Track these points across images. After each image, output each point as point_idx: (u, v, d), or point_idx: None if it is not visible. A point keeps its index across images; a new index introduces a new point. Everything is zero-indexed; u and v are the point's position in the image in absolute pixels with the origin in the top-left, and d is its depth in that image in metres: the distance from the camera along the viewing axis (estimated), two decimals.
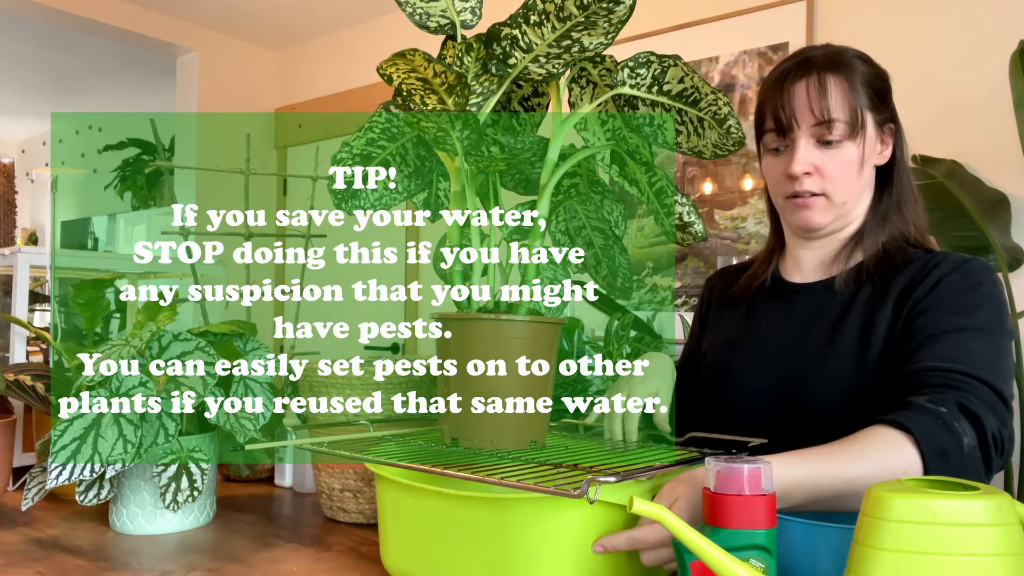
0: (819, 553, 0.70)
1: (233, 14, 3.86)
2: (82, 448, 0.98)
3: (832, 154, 1.03)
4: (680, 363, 1.29)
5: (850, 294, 1.06)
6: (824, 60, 1.04)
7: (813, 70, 1.03)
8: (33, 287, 2.64)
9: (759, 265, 1.19)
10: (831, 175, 1.03)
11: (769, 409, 1.07)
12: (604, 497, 0.73)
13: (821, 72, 1.03)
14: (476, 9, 0.95)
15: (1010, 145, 2.05)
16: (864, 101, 1.03)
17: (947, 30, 2.28)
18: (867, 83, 1.04)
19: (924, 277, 1.02)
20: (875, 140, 1.05)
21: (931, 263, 1.03)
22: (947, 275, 1.01)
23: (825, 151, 1.03)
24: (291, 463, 1.38)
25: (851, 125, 1.02)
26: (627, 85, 0.92)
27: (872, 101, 1.04)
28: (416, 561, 0.83)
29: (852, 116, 1.01)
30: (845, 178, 1.04)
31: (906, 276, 1.03)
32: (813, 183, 1.04)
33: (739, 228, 2.65)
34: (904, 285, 1.03)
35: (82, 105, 5.72)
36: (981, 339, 0.96)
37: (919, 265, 1.04)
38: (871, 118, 1.04)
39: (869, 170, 1.06)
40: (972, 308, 0.98)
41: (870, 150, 1.05)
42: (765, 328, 1.13)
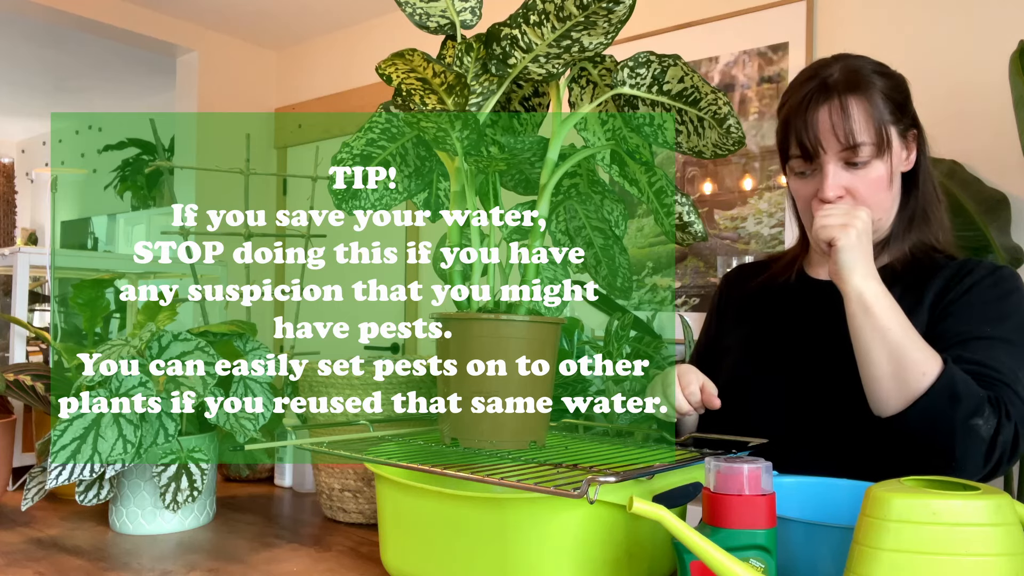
0: (819, 553, 0.70)
1: (233, 14, 3.86)
2: (82, 448, 0.98)
3: (861, 175, 1.03)
4: (694, 359, 1.29)
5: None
6: (844, 81, 1.03)
7: (834, 93, 1.02)
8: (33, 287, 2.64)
9: (784, 265, 1.19)
10: (863, 195, 1.03)
11: (789, 406, 1.07)
12: (604, 497, 0.73)
13: (842, 95, 1.02)
14: (476, 9, 0.95)
15: (1010, 145, 2.05)
16: (887, 116, 1.03)
17: (947, 30, 2.28)
18: (887, 97, 1.03)
19: (958, 283, 1.02)
20: (900, 150, 1.05)
21: (964, 269, 1.04)
22: (979, 281, 1.02)
23: (854, 172, 1.03)
24: (291, 463, 1.38)
25: (877, 145, 1.01)
26: (627, 85, 0.92)
27: (894, 114, 1.03)
28: (416, 561, 0.83)
29: (877, 136, 1.01)
30: (876, 196, 1.04)
31: (940, 280, 1.04)
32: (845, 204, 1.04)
33: (739, 228, 2.65)
34: (939, 289, 1.03)
35: (82, 105, 5.73)
36: (1009, 349, 0.97)
37: (953, 271, 1.04)
38: (895, 131, 1.04)
39: (897, 182, 1.06)
40: (1001, 317, 0.99)
41: (897, 163, 1.05)
42: (791, 324, 1.13)
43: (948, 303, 1.02)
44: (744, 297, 1.23)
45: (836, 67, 1.05)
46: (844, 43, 2.46)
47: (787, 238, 2.54)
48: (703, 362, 1.24)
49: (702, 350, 1.28)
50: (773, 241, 2.58)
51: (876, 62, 1.07)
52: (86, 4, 3.58)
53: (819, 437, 1.05)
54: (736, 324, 1.22)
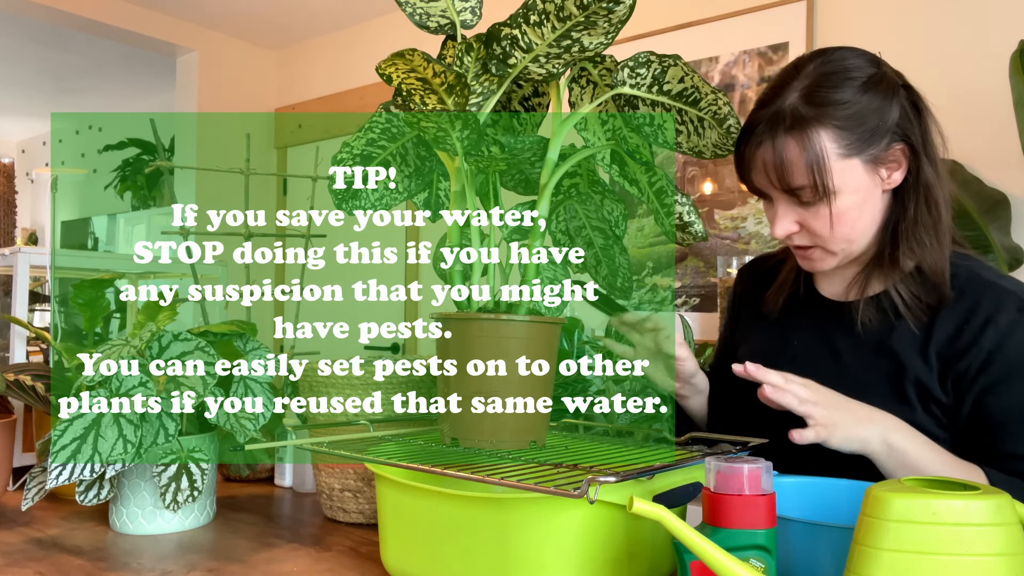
0: (819, 553, 0.70)
1: (233, 14, 3.86)
2: (82, 448, 0.98)
3: (812, 211, 0.97)
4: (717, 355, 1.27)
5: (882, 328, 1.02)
6: (791, 113, 0.94)
7: (773, 132, 0.94)
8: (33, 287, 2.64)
9: (788, 272, 1.16)
10: (816, 230, 0.98)
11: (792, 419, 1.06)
12: (604, 497, 0.73)
13: (778, 135, 0.94)
14: (476, 9, 0.95)
15: (1010, 145, 2.05)
16: (838, 151, 0.93)
17: (947, 30, 2.28)
18: (844, 127, 0.93)
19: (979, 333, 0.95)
20: (870, 177, 0.97)
21: (981, 311, 0.95)
22: (1007, 336, 0.94)
23: (805, 208, 0.97)
24: (291, 463, 1.38)
25: (813, 188, 0.94)
26: (627, 85, 0.92)
27: (856, 145, 0.94)
28: (416, 561, 0.83)
29: (812, 180, 0.93)
30: (831, 232, 0.98)
31: (948, 323, 0.97)
32: (802, 238, 1.00)
33: (739, 228, 2.65)
34: (948, 336, 0.97)
35: (82, 105, 5.73)
36: None
37: (964, 306, 0.97)
38: (856, 163, 0.94)
39: (868, 210, 0.98)
40: None
41: (860, 195, 0.96)
42: (797, 346, 1.10)
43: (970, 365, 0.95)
44: (754, 308, 1.22)
45: (795, 88, 0.95)
46: (844, 42, 2.45)
47: None
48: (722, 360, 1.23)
49: (723, 346, 1.27)
50: (773, 241, 2.58)
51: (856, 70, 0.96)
52: (87, 4, 3.58)
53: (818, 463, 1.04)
54: (746, 338, 1.21)
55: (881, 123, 0.95)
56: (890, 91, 0.96)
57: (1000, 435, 0.94)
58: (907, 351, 0.99)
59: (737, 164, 1.00)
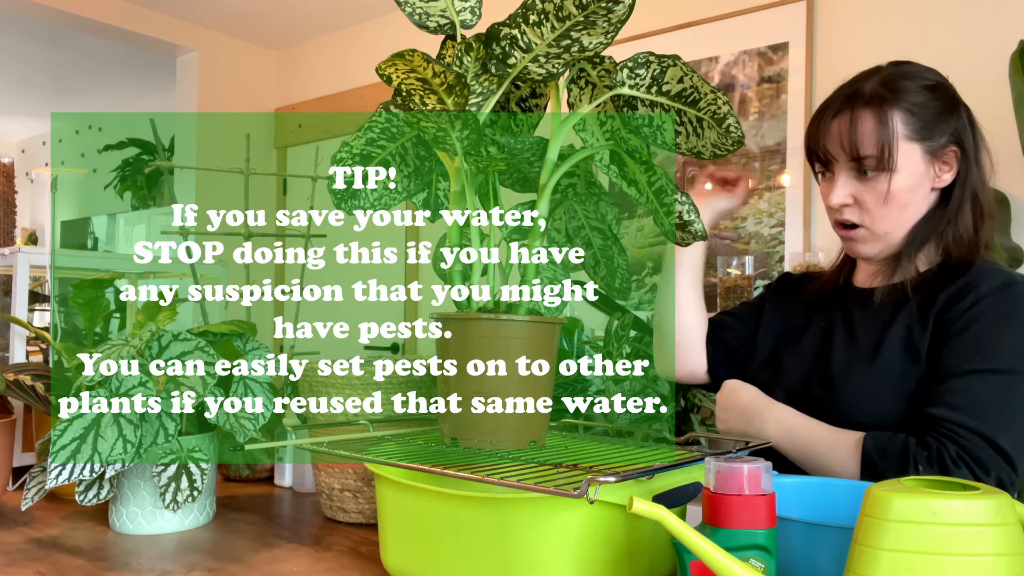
0: (819, 553, 0.70)
1: (233, 14, 3.86)
2: (82, 448, 0.98)
3: (870, 185, 1.04)
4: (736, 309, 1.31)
5: (894, 307, 1.07)
6: (868, 93, 1.05)
7: (851, 105, 1.05)
8: (33, 287, 2.64)
9: (832, 271, 1.21)
10: (868, 206, 1.05)
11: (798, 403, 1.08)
12: (604, 497, 0.73)
13: (857, 107, 1.04)
14: (476, 9, 0.95)
15: (1010, 145, 2.05)
16: (904, 132, 1.03)
17: (947, 30, 2.28)
18: (913, 113, 1.03)
19: (962, 297, 1.01)
20: (925, 167, 1.05)
21: (971, 283, 1.02)
22: (983, 299, 0.99)
23: (864, 182, 1.05)
24: (291, 463, 1.38)
25: (879, 159, 1.02)
26: (626, 85, 0.91)
27: (920, 131, 1.03)
28: (416, 561, 0.83)
29: (880, 151, 1.02)
30: (882, 209, 1.05)
31: (945, 295, 1.02)
32: (852, 213, 1.07)
33: (739, 228, 2.65)
34: (943, 303, 1.02)
35: (82, 105, 5.73)
36: (998, 382, 0.95)
37: (961, 284, 1.03)
38: (917, 148, 1.04)
39: (918, 198, 1.06)
40: (998, 343, 0.97)
41: (914, 180, 1.04)
42: (818, 322, 1.15)
43: (948, 322, 1.00)
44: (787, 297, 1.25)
45: (875, 77, 1.06)
46: (844, 43, 2.46)
47: (787, 238, 2.54)
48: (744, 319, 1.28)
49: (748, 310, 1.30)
50: (773, 241, 2.58)
51: (928, 76, 1.07)
52: (86, 4, 3.58)
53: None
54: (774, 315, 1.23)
55: (943, 122, 1.05)
56: (953, 100, 1.07)
57: (933, 383, 0.99)
58: (911, 323, 1.04)
59: (810, 136, 1.09)
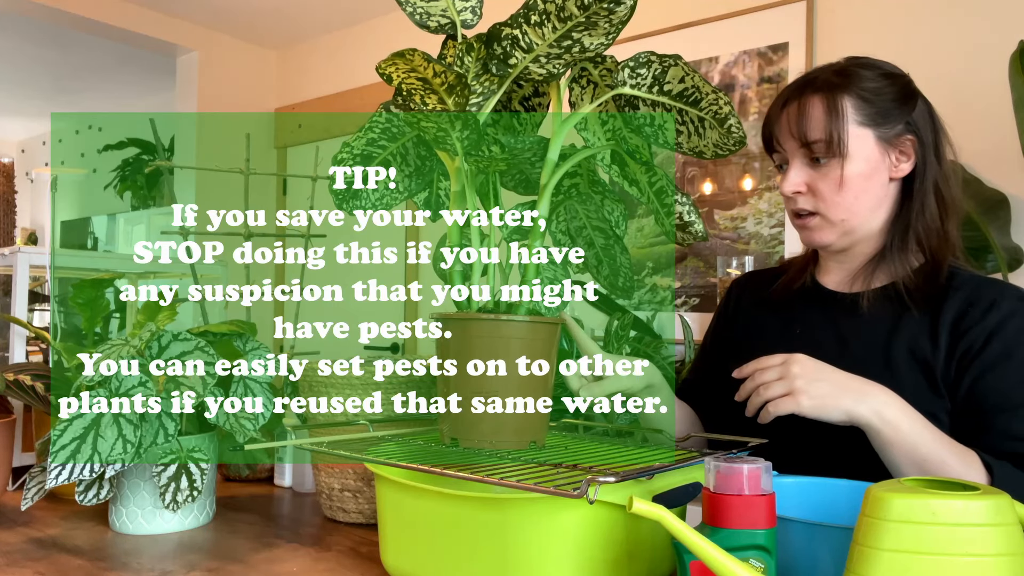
0: (819, 553, 0.70)
1: (233, 14, 3.86)
2: (82, 448, 0.98)
3: (823, 172, 1.04)
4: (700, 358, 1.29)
5: (889, 316, 1.05)
6: (816, 80, 1.05)
7: (801, 92, 1.06)
8: (33, 287, 2.64)
9: (796, 271, 1.19)
10: (823, 194, 1.05)
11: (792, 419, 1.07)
12: (604, 497, 0.73)
13: (806, 94, 1.05)
14: (476, 9, 0.95)
15: (1010, 145, 2.05)
16: (856, 118, 1.02)
17: (947, 30, 2.28)
18: (866, 99, 1.03)
19: (982, 317, 0.99)
20: (880, 155, 1.04)
21: (984, 297, 1.00)
22: (1008, 318, 0.98)
23: (817, 169, 1.05)
24: (291, 463, 1.38)
25: (828, 144, 1.02)
26: (628, 85, 0.92)
27: (873, 118, 1.03)
28: (416, 561, 0.83)
29: (829, 136, 1.02)
30: (837, 196, 1.04)
31: (955, 303, 1.01)
32: (806, 201, 1.07)
33: (739, 228, 2.65)
34: (956, 314, 1.00)
35: (82, 105, 5.72)
36: None
37: (969, 293, 1.01)
38: (870, 134, 1.03)
39: (874, 186, 1.05)
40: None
41: (869, 167, 1.04)
42: (801, 334, 1.13)
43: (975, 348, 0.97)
44: (758, 305, 1.23)
45: (828, 68, 1.08)
46: (844, 43, 2.46)
47: (787, 238, 2.54)
48: (709, 361, 1.24)
49: (708, 348, 1.28)
50: (773, 241, 2.58)
51: (884, 67, 1.07)
52: (86, 4, 3.58)
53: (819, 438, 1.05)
54: (749, 333, 1.22)
55: (897, 111, 1.04)
56: (910, 90, 1.06)
57: (995, 414, 0.96)
58: (916, 335, 1.02)
59: (764, 128, 1.10)
